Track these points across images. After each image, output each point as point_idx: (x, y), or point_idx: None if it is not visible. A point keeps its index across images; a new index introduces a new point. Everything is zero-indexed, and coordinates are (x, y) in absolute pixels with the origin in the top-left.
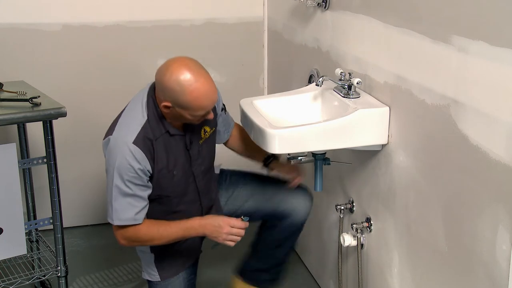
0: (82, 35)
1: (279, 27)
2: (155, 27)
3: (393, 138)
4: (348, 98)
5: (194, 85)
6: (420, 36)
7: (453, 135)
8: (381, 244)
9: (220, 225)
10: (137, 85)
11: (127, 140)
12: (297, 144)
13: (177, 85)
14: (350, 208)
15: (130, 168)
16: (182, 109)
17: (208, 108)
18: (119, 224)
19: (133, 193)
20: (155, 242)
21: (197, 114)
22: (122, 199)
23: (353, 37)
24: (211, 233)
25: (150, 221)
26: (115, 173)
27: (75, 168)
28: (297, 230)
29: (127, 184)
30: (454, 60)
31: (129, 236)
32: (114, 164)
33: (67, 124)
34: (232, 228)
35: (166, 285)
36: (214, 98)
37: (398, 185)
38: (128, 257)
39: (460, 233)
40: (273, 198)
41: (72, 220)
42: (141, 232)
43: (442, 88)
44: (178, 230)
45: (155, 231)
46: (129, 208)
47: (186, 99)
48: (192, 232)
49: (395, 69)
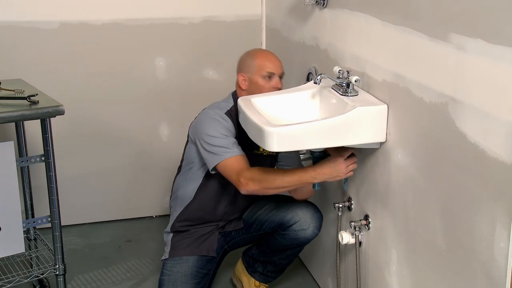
0: (80, 33)
1: (277, 25)
2: (153, 25)
3: (391, 136)
4: (346, 96)
5: (260, 50)
6: (418, 34)
7: (451, 133)
8: (379, 242)
9: (336, 164)
10: (135, 83)
11: (217, 112)
12: (296, 142)
13: (248, 55)
14: (348, 206)
15: (220, 122)
16: (254, 74)
17: (274, 63)
18: (231, 156)
19: (228, 136)
20: (272, 179)
21: (265, 73)
22: (223, 140)
23: (351, 35)
24: (331, 174)
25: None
26: (208, 130)
27: (73, 166)
28: (298, 244)
29: (222, 133)
30: (452, 58)
31: (249, 175)
32: (206, 125)
33: (65, 122)
34: (347, 160)
35: (174, 264)
36: (279, 61)
37: (396, 183)
38: (127, 255)
39: (458, 231)
40: (283, 206)
41: (70, 218)
42: (257, 169)
43: (440, 86)
44: (293, 175)
45: (271, 170)
46: (234, 145)
47: (255, 60)
48: (308, 178)
49: (393, 67)
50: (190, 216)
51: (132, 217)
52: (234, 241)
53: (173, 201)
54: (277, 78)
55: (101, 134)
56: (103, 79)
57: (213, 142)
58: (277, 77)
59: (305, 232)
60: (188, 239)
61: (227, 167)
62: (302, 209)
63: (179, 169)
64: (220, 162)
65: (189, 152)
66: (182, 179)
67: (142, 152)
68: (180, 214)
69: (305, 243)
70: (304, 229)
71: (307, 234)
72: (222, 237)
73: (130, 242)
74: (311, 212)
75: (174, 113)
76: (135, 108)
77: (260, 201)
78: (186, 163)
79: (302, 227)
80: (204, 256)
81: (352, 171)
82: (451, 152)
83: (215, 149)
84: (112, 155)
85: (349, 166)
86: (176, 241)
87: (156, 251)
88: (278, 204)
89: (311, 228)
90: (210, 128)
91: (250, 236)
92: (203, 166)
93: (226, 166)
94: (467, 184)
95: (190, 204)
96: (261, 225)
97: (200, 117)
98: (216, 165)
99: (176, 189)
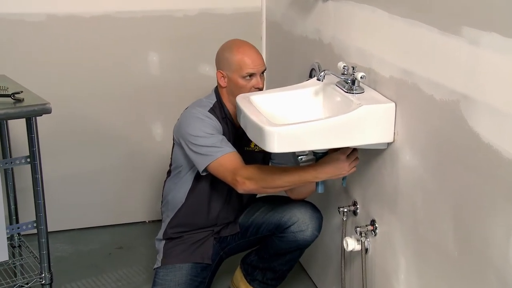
0: (68, 26)
1: (278, 18)
2: (146, 18)
3: (399, 136)
4: (352, 94)
5: (239, 43)
6: (428, 27)
7: (463, 133)
8: (386, 248)
9: (338, 161)
10: (127, 79)
11: (199, 110)
12: (298, 142)
13: (226, 49)
14: (353, 210)
15: (204, 121)
16: (233, 73)
17: (254, 62)
18: (223, 154)
19: (215, 134)
20: (271, 179)
21: (245, 74)
22: (210, 139)
23: (357, 28)
24: (334, 173)
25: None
26: (192, 130)
27: (61, 168)
28: (297, 247)
29: (207, 132)
30: (464, 53)
31: (246, 174)
32: (189, 126)
33: (52, 121)
34: (348, 157)
35: (166, 272)
36: (259, 57)
37: (404, 186)
38: (117, 263)
39: (471, 236)
40: (280, 207)
41: (57, 224)
42: (255, 168)
43: (451, 82)
44: (294, 174)
45: (269, 168)
46: (223, 142)
47: (234, 56)
48: (309, 177)
49: (402, 62)
50: (182, 221)
51: (123, 222)
52: (231, 247)
53: (164, 207)
54: (257, 78)
55: (90, 134)
56: (92, 75)
57: (199, 142)
58: (257, 76)
59: (304, 233)
60: (181, 246)
61: (220, 167)
62: (300, 210)
63: (169, 173)
64: (212, 162)
65: (176, 155)
66: (172, 183)
67: (134, 153)
68: (171, 220)
69: (305, 245)
70: (302, 230)
71: (306, 236)
72: (217, 243)
73: (121, 249)
74: (310, 212)
75: (168, 111)
76: (127, 106)
77: (256, 203)
78: (175, 167)
79: (300, 228)
80: (199, 264)
81: (355, 166)
82: (463, 152)
83: (203, 150)
84: (102, 156)
85: (351, 163)
86: (169, 249)
87: (149, 259)
88: (275, 205)
89: (310, 229)
90: (194, 128)
91: (247, 240)
92: (191, 168)
93: (219, 166)
94: (480, 186)
95: (181, 208)
96: (258, 228)
97: (182, 118)
98: (208, 166)
99: (167, 194)
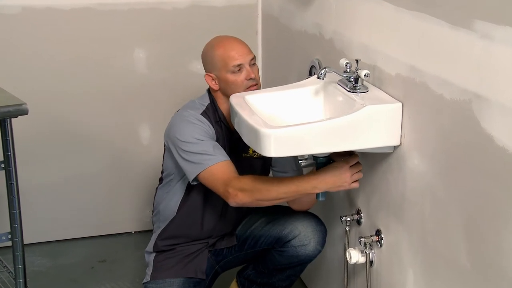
0: (46, 19)
1: (275, 11)
2: (131, 11)
3: (406, 139)
4: (355, 93)
5: (219, 38)
6: (437, 21)
7: (476, 135)
8: (393, 261)
9: (340, 171)
10: (111, 78)
11: (190, 113)
12: (296, 146)
13: (209, 47)
14: (357, 219)
15: (195, 125)
16: (220, 71)
17: (238, 51)
18: (214, 163)
19: (206, 140)
20: (266, 190)
21: (231, 66)
22: (201, 146)
23: (361, 22)
24: (335, 183)
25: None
26: (182, 135)
27: (38, 174)
28: (299, 263)
29: (198, 137)
30: (476, 49)
31: (239, 185)
32: (179, 130)
33: (29, 123)
34: (352, 167)
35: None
36: (243, 45)
37: (412, 193)
38: (101, 278)
39: (485, 247)
40: (281, 219)
41: (34, 235)
42: (248, 178)
43: (462, 80)
44: (291, 185)
45: (264, 178)
46: (216, 149)
47: (215, 51)
48: (308, 187)
49: (409, 59)
50: (175, 233)
51: (107, 233)
52: (227, 260)
53: (155, 217)
54: (247, 68)
55: (71, 137)
56: (73, 73)
57: (190, 148)
58: (246, 66)
59: (306, 248)
60: (172, 259)
61: (211, 177)
62: (302, 222)
63: (160, 180)
64: (202, 171)
65: (167, 161)
66: (163, 192)
67: (119, 158)
68: (163, 231)
69: (307, 261)
70: (304, 244)
71: (308, 251)
72: (212, 256)
73: (104, 263)
74: (313, 225)
75: (156, 112)
76: (111, 107)
77: (254, 213)
78: (166, 174)
79: (302, 242)
80: (192, 278)
81: (357, 181)
82: (476, 156)
83: (194, 157)
84: (84, 161)
85: (354, 175)
86: (159, 262)
87: (135, 273)
88: (275, 217)
89: (313, 243)
90: (184, 133)
91: (244, 254)
92: (183, 176)
93: (210, 176)
94: (494, 193)
95: (173, 219)
96: (256, 241)
97: (172, 121)
98: (197, 175)
99: (158, 203)
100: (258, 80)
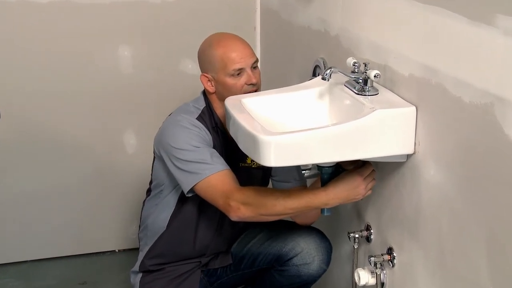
0: (20, 13)
1: (275, 5)
2: (116, 4)
3: (421, 147)
4: (364, 96)
5: (219, 36)
6: (455, 15)
7: (498, 142)
8: (406, 282)
9: (354, 183)
10: (92, 78)
11: (185, 117)
12: (299, 154)
13: (206, 45)
14: (366, 236)
15: (190, 131)
16: (218, 73)
17: (239, 53)
18: (213, 172)
19: (203, 147)
20: (271, 204)
21: (231, 69)
22: (198, 153)
23: (370, 17)
24: (348, 197)
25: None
26: (176, 142)
27: (10, 186)
28: (301, 283)
29: (194, 144)
30: (499, 47)
31: (241, 198)
32: (173, 137)
33: (1, 129)
34: (364, 177)
35: None
36: (246, 47)
37: (428, 206)
38: None
39: (509, 268)
40: (281, 235)
41: (6, 255)
42: (251, 190)
43: (483, 82)
44: (300, 199)
45: (268, 191)
46: (214, 158)
47: (215, 51)
48: (318, 203)
49: (423, 58)
50: (164, 251)
51: (88, 252)
52: (221, 281)
53: (142, 233)
54: (248, 73)
55: (46, 144)
56: (50, 73)
57: (185, 157)
58: (247, 70)
59: (309, 267)
60: (161, 280)
61: (210, 188)
62: (305, 238)
63: (148, 192)
64: (199, 182)
65: (157, 171)
66: (152, 205)
67: (101, 168)
68: (151, 249)
69: (310, 281)
70: (307, 263)
71: (312, 270)
72: (205, 276)
73: (85, 285)
74: (317, 242)
75: (143, 117)
76: (92, 110)
77: (252, 229)
78: (155, 185)
79: (305, 260)
80: None
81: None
82: (498, 166)
83: (190, 166)
84: (62, 171)
85: (368, 185)
86: (146, 283)
87: None
88: (275, 232)
89: (317, 262)
90: (178, 140)
91: (241, 274)
92: (175, 187)
93: (208, 187)
94: None
95: (162, 235)
96: (254, 260)
97: (164, 126)
98: (194, 186)
99: (145, 218)
100: (259, 85)
